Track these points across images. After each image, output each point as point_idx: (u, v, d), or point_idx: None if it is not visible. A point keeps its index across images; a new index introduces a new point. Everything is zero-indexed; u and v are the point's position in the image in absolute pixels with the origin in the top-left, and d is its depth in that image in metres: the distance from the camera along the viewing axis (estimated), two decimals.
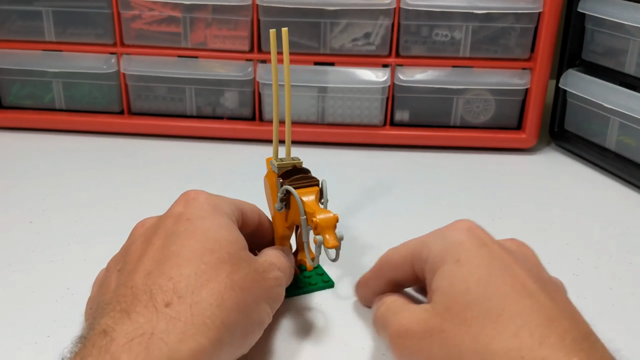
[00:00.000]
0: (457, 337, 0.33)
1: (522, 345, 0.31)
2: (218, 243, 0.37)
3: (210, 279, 0.35)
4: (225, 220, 0.40)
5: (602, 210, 0.63)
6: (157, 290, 0.34)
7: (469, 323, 0.33)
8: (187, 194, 0.41)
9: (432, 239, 0.39)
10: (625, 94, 0.67)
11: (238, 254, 0.38)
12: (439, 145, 0.75)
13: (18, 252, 0.53)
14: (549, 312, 0.33)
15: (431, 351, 0.34)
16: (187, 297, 0.34)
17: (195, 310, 0.34)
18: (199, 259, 0.36)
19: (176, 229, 0.38)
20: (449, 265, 0.36)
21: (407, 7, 0.69)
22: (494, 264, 0.35)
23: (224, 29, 0.72)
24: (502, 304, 0.33)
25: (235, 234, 0.39)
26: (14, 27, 0.74)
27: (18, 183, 0.65)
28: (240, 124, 0.76)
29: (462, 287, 0.35)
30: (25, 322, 0.44)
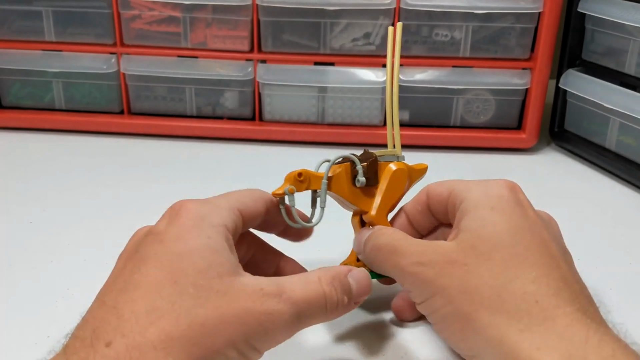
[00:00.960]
0: (478, 272, 0.36)
1: (538, 291, 0.34)
2: (184, 273, 0.33)
3: (162, 316, 0.31)
4: (205, 242, 0.34)
5: (602, 210, 0.63)
6: (102, 328, 0.31)
7: (493, 262, 0.36)
8: (172, 206, 0.37)
9: (474, 184, 0.41)
10: (625, 94, 0.67)
11: (209, 284, 0.33)
12: (439, 145, 0.75)
13: (18, 252, 0.53)
14: (565, 274, 0.36)
15: (449, 280, 0.36)
16: (129, 337, 0.30)
17: (135, 354, 0.30)
18: (157, 293, 0.32)
19: (147, 251, 0.34)
20: (484, 210, 0.38)
21: (407, 7, 0.69)
22: (525, 221, 0.38)
23: (224, 29, 0.72)
24: (526, 254, 0.36)
25: (212, 258, 0.34)
26: (14, 27, 0.74)
27: (18, 183, 0.65)
28: (240, 124, 0.76)
29: (492, 230, 0.37)
30: (25, 323, 0.44)
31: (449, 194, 0.42)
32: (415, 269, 0.38)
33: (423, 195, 0.44)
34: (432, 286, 0.37)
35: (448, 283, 0.36)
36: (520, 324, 0.34)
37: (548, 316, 0.34)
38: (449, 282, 0.36)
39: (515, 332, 0.34)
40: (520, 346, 0.33)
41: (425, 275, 0.37)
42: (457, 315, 0.36)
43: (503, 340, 0.34)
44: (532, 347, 0.33)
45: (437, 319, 0.38)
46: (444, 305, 0.36)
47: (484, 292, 0.35)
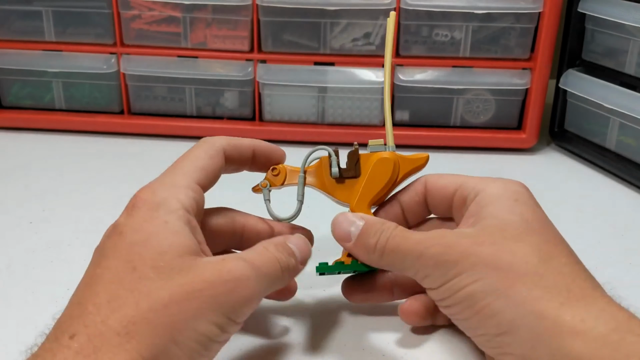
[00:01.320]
0: (510, 250, 0.36)
1: (572, 274, 0.35)
2: (142, 258, 0.33)
3: (123, 303, 0.32)
4: (161, 226, 0.35)
5: (602, 210, 0.63)
6: (65, 322, 0.32)
7: (526, 243, 0.36)
8: (131, 199, 0.38)
9: (487, 180, 0.41)
10: (625, 94, 0.67)
11: (168, 266, 0.33)
12: (439, 145, 0.75)
13: (18, 252, 0.53)
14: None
15: (477, 259, 0.36)
16: (91, 327, 0.31)
17: (98, 342, 0.31)
18: (117, 283, 0.33)
19: (107, 245, 0.35)
20: (507, 201, 0.39)
21: (407, 7, 0.69)
22: (545, 215, 0.39)
23: (224, 29, 0.72)
24: (555, 241, 0.37)
25: (170, 240, 0.34)
26: (14, 27, 0.74)
27: (18, 183, 0.65)
28: (240, 124, 0.76)
29: (520, 218, 0.38)
30: (25, 323, 0.44)
31: (456, 187, 0.41)
32: (435, 251, 0.37)
33: (420, 185, 0.44)
34: (457, 266, 0.36)
35: (476, 261, 0.36)
36: (560, 297, 0.34)
37: (587, 295, 0.34)
38: (476, 261, 0.36)
39: (556, 305, 0.33)
40: (563, 319, 0.33)
41: (448, 256, 0.36)
42: (487, 292, 0.35)
43: (544, 312, 0.33)
44: (575, 319, 0.33)
45: (461, 299, 0.36)
46: (472, 283, 0.35)
47: (519, 268, 0.35)
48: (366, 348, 0.42)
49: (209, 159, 0.40)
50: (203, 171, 0.40)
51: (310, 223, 0.46)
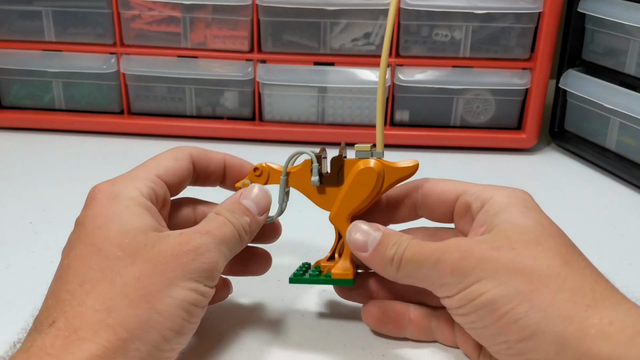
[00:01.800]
0: (530, 254, 0.35)
1: (593, 276, 0.35)
2: (107, 240, 0.35)
3: (97, 283, 0.33)
4: (123, 210, 0.36)
5: (602, 210, 0.63)
6: (44, 315, 0.33)
7: (545, 246, 0.36)
8: (88, 194, 0.39)
9: (491, 188, 0.40)
10: (625, 94, 0.67)
11: (133, 243, 0.35)
12: (439, 145, 0.75)
13: (18, 252, 0.53)
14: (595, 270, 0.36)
15: (497, 264, 0.35)
16: (69, 311, 0.32)
17: (77, 322, 0.32)
18: (86, 266, 0.34)
19: (71, 239, 0.37)
20: (519, 207, 0.38)
21: (407, 7, 0.69)
22: (553, 222, 0.39)
23: (224, 29, 0.72)
24: (573, 245, 0.37)
25: (132, 221, 0.36)
26: (14, 27, 0.74)
27: (18, 183, 0.65)
28: (240, 124, 0.76)
29: (536, 222, 0.37)
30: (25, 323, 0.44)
31: (457, 194, 0.41)
32: (452, 257, 0.36)
33: (413, 189, 0.43)
34: (475, 272, 0.35)
35: (496, 266, 0.35)
36: (586, 299, 0.33)
37: (611, 296, 0.34)
38: (496, 265, 0.35)
39: (583, 308, 0.33)
40: (590, 321, 0.32)
41: (466, 262, 0.35)
42: (510, 296, 0.34)
43: (570, 316, 0.33)
44: (603, 321, 0.32)
45: (481, 305, 0.35)
46: (492, 288, 0.34)
47: (541, 272, 0.34)
48: (366, 348, 0.42)
49: (173, 160, 0.41)
50: (165, 169, 0.40)
51: (309, 222, 0.45)
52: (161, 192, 0.39)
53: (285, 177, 0.42)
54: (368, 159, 0.41)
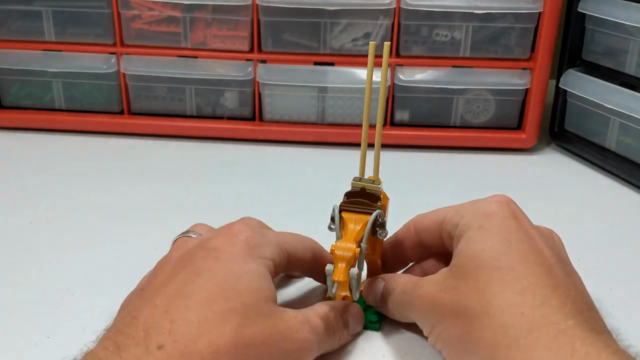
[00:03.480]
0: (466, 293, 0.36)
1: (524, 303, 0.34)
2: (235, 291, 0.35)
3: (213, 329, 0.33)
4: (255, 267, 0.37)
5: (602, 210, 0.63)
6: (155, 330, 0.33)
7: (479, 280, 0.35)
8: (231, 227, 0.40)
9: (465, 207, 0.40)
10: (625, 94, 0.67)
11: (256, 305, 0.35)
12: (439, 145, 0.75)
13: (18, 252, 0.53)
14: (557, 281, 0.35)
15: (443, 307, 0.36)
16: (181, 344, 0.32)
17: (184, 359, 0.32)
18: (208, 306, 0.34)
19: (202, 265, 0.37)
20: (472, 231, 0.38)
21: (407, 7, 0.69)
22: (516, 233, 0.37)
23: (224, 29, 0.72)
24: (512, 265, 0.35)
25: (261, 283, 0.36)
26: (14, 27, 0.74)
27: (18, 183, 0.65)
28: (240, 124, 0.76)
29: (478, 247, 0.37)
30: (25, 323, 0.44)
31: (439, 224, 0.41)
32: (416, 303, 0.39)
33: (409, 232, 0.44)
34: (430, 316, 0.38)
35: (442, 310, 0.37)
36: (507, 339, 0.33)
37: (534, 327, 0.33)
38: (442, 309, 0.37)
39: (504, 349, 0.33)
40: None
41: (424, 307, 0.38)
42: (454, 339, 0.36)
43: (493, 358, 0.33)
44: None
45: (441, 346, 0.38)
46: (442, 331, 0.37)
47: (472, 311, 0.35)
48: (366, 348, 0.42)
49: (302, 247, 0.42)
50: (294, 249, 0.42)
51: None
52: (283, 263, 0.40)
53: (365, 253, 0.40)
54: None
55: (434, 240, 0.43)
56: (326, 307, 0.40)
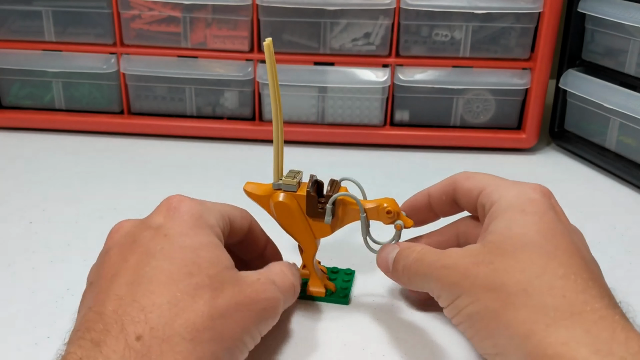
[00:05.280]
0: (504, 270, 0.36)
1: (566, 286, 0.34)
2: (197, 265, 0.35)
3: (186, 308, 0.33)
4: (207, 237, 0.37)
5: (602, 210, 0.63)
6: (128, 321, 0.32)
7: (520, 260, 0.36)
8: (169, 201, 0.39)
9: (506, 187, 0.41)
10: (625, 94, 0.67)
11: (221, 275, 0.35)
12: (439, 145, 0.75)
13: (18, 252, 0.53)
14: (594, 276, 0.36)
15: (475, 280, 0.36)
16: (159, 330, 0.32)
17: (165, 347, 0.32)
18: (174, 285, 0.34)
19: (153, 246, 0.36)
20: (514, 212, 0.38)
21: (407, 7, 0.69)
22: (557, 225, 0.38)
23: (224, 29, 0.72)
24: (555, 252, 0.36)
25: (217, 252, 0.37)
26: (14, 27, 0.74)
27: (18, 183, 0.65)
28: (240, 124, 0.76)
29: (520, 231, 0.37)
30: (25, 323, 0.44)
31: (479, 193, 0.42)
32: (441, 273, 0.38)
33: (449, 186, 0.45)
34: (457, 287, 0.37)
35: (474, 282, 0.36)
36: (547, 318, 0.33)
37: (575, 311, 0.33)
38: (474, 282, 0.36)
39: (542, 327, 0.33)
40: (547, 341, 0.33)
41: (451, 278, 0.38)
42: (482, 313, 0.36)
43: (529, 335, 0.33)
44: (557, 342, 0.32)
45: (463, 319, 0.37)
46: (469, 304, 0.36)
47: (510, 288, 0.35)
48: (366, 348, 0.42)
49: (240, 216, 0.43)
50: (233, 217, 0.42)
51: None
52: (226, 232, 0.40)
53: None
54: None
55: (468, 205, 0.43)
56: (281, 266, 0.41)
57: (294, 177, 0.44)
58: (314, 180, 0.44)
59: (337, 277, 0.49)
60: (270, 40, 0.40)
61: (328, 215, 0.43)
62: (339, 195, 0.43)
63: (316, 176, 0.44)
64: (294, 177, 0.44)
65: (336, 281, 0.48)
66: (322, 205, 0.44)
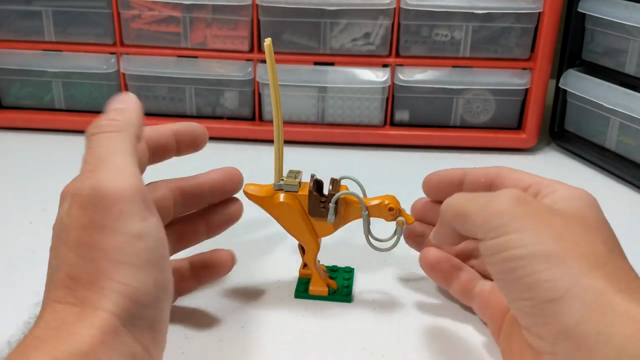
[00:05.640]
0: (578, 231, 0.36)
1: (633, 271, 0.35)
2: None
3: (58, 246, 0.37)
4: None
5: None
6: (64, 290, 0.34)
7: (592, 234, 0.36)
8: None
9: (560, 182, 0.41)
10: (625, 94, 0.67)
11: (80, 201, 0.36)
12: (439, 145, 0.75)
13: (18, 252, 0.53)
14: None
15: (545, 224, 0.35)
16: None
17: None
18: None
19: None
20: (581, 200, 0.39)
21: (407, 7, 0.69)
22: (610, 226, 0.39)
23: (224, 29, 0.72)
24: (619, 245, 0.37)
25: None
26: (14, 27, 0.74)
27: (18, 183, 0.65)
28: (240, 124, 0.76)
29: (591, 216, 0.38)
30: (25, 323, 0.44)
31: (530, 183, 0.42)
32: (509, 200, 0.36)
33: (492, 172, 0.45)
34: (522, 221, 0.35)
35: (544, 225, 0.35)
36: (620, 284, 0.33)
37: (633, 287, 0.33)
38: (545, 224, 0.35)
39: (614, 291, 0.33)
40: (618, 300, 0.32)
41: (518, 210, 0.36)
42: (547, 257, 0.34)
43: (602, 291, 0.32)
44: (631, 303, 0.32)
45: (516, 257, 0.35)
46: (533, 244, 0.34)
47: (586, 249, 0.34)
48: (366, 348, 0.42)
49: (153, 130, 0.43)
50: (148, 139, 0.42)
51: None
52: (145, 154, 0.42)
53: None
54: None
55: None
56: None
57: (295, 177, 0.44)
58: (314, 179, 0.44)
59: (338, 276, 0.49)
60: (270, 40, 0.40)
61: (331, 214, 0.43)
62: (342, 194, 0.43)
63: (316, 175, 0.44)
64: (295, 177, 0.44)
65: (337, 279, 0.48)
66: (324, 204, 0.44)
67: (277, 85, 0.41)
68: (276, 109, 0.42)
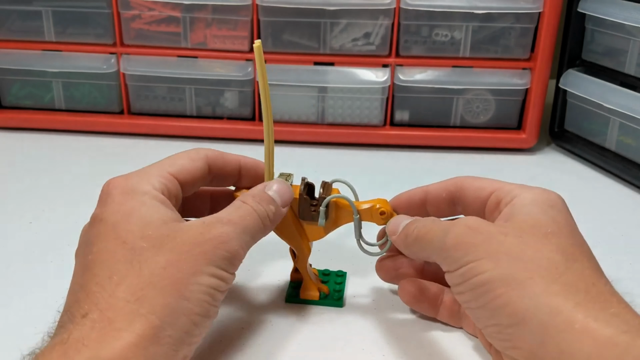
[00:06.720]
0: (535, 246, 0.36)
1: (594, 277, 0.35)
2: (129, 232, 0.36)
3: (126, 275, 0.34)
4: (139, 203, 0.38)
5: (602, 210, 0.63)
6: (75, 308, 0.34)
7: (552, 243, 0.36)
8: (102, 189, 0.40)
9: (524, 187, 0.41)
10: (625, 94, 0.67)
11: (157, 233, 0.36)
12: (439, 145, 0.75)
13: (18, 252, 0.53)
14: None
15: (500, 247, 0.36)
16: (101, 303, 0.33)
17: (111, 313, 0.33)
18: (112, 259, 0.35)
19: (91, 234, 0.37)
20: (543, 205, 0.39)
21: (407, 7, 0.69)
22: (575, 224, 0.39)
23: (224, 29, 0.72)
24: (583, 248, 0.37)
25: (151, 212, 0.37)
26: (14, 27, 0.74)
27: (18, 183, 0.65)
28: (240, 124, 0.76)
29: (552, 220, 0.38)
30: (25, 323, 0.44)
31: (492, 190, 0.42)
32: (462, 230, 0.37)
33: (452, 185, 0.44)
34: (478, 249, 0.36)
35: (498, 249, 0.36)
36: (577, 296, 0.33)
37: (605, 299, 0.33)
38: (499, 248, 0.36)
39: (572, 304, 0.33)
40: (576, 316, 0.32)
41: (473, 239, 0.36)
42: (504, 280, 0.34)
43: (558, 308, 0.33)
44: (588, 318, 0.32)
45: (477, 284, 0.35)
46: (490, 269, 0.35)
47: (541, 263, 0.35)
48: (366, 348, 0.42)
49: (188, 160, 0.42)
50: (180, 168, 0.41)
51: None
52: (173, 189, 0.40)
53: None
54: None
55: (475, 202, 0.43)
56: (242, 196, 0.41)
57: (286, 180, 0.44)
58: (305, 182, 0.44)
59: (329, 280, 0.49)
60: (260, 42, 0.39)
61: (322, 217, 0.43)
62: (333, 197, 0.43)
63: (307, 178, 0.44)
64: (286, 179, 0.44)
65: (328, 284, 0.48)
66: (315, 207, 0.43)
67: (267, 87, 0.41)
68: (266, 112, 0.42)
